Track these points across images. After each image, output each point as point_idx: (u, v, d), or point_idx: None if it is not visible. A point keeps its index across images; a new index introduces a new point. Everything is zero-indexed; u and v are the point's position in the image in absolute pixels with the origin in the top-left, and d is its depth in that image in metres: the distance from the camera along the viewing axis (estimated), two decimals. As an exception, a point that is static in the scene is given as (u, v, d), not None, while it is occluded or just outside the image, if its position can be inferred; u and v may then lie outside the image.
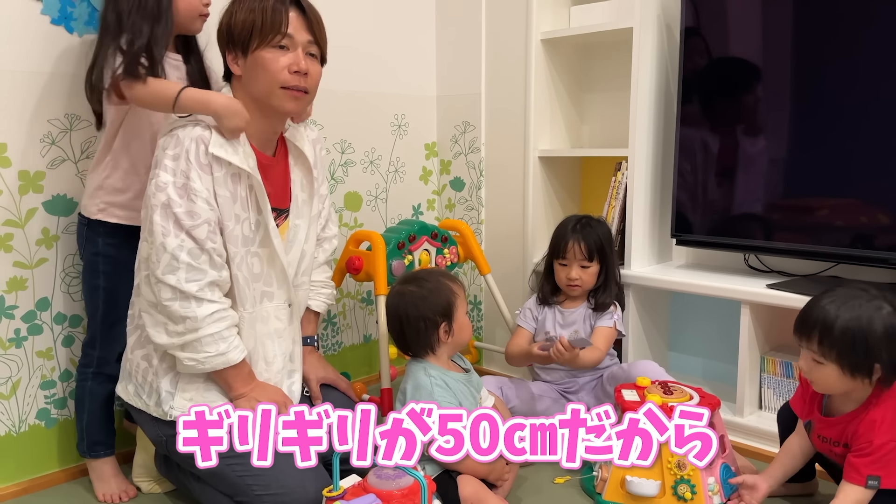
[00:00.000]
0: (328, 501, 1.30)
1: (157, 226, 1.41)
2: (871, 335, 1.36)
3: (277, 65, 1.48)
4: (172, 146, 1.44)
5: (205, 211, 1.43)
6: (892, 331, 1.37)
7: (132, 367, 1.57)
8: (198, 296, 1.43)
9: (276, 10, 1.48)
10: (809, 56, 1.90)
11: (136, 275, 1.55)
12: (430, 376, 1.63)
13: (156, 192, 1.42)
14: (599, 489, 1.67)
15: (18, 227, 1.70)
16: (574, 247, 1.98)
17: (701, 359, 2.35)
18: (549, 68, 2.38)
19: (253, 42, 1.48)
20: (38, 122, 1.70)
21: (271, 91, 1.50)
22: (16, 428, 1.74)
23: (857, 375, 1.40)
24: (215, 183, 1.45)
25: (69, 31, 1.72)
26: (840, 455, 1.49)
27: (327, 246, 1.84)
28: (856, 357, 1.38)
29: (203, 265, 1.44)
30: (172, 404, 1.50)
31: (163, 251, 1.41)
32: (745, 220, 2.04)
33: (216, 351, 1.45)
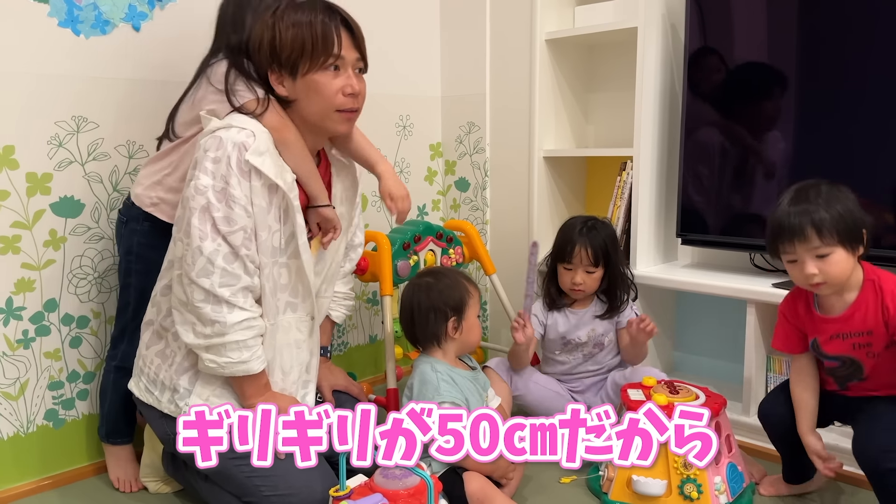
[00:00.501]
0: (335, 501, 1.30)
1: (194, 228, 1.40)
2: (848, 206, 1.44)
3: (331, 88, 1.46)
4: (214, 148, 1.42)
5: (242, 218, 1.42)
6: (854, 198, 1.47)
7: (144, 364, 1.57)
8: (230, 301, 1.42)
9: (325, 29, 1.43)
10: (815, 54, 1.90)
11: (162, 273, 1.55)
12: (437, 371, 1.63)
13: (195, 194, 1.41)
14: (606, 489, 1.67)
15: (26, 229, 1.71)
16: (581, 252, 1.97)
17: (707, 358, 2.34)
18: (553, 68, 2.39)
19: (303, 65, 1.44)
20: (46, 124, 1.71)
21: (326, 115, 1.48)
22: (24, 429, 1.75)
23: (856, 248, 1.45)
24: (252, 192, 1.43)
25: (76, 34, 1.73)
26: (866, 344, 1.49)
27: (353, 255, 1.83)
28: (851, 230, 1.43)
29: (237, 270, 1.43)
30: (188, 401, 1.51)
31: (199, 254, 1.40)
32: (750, 220, 2.03)
33: (238, 358, 1.45)
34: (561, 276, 2.03)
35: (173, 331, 1.52)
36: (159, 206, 1.65)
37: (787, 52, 1.96)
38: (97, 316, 1.85)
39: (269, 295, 1.50)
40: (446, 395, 1.60)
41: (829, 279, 1.45)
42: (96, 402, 1.86)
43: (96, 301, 1.85)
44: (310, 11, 1.45)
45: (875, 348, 1.48)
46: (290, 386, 1.59)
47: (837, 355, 1.53)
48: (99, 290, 1.85)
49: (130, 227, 1.70)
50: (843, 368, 1.54)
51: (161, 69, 1.88)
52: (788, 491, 1.70)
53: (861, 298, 1.48)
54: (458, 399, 1.61)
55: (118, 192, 1.85)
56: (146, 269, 1.66)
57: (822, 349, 1.55)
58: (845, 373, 1.54)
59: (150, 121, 1.88)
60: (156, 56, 1.87)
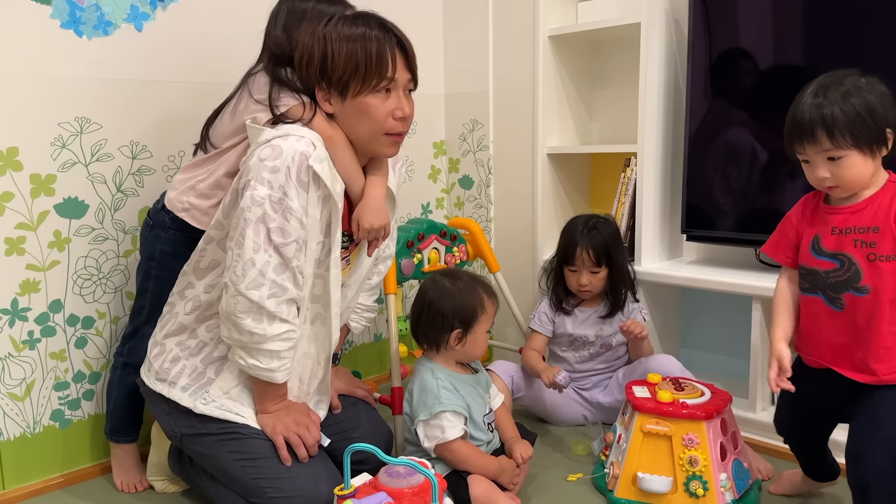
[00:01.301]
0: (339, 500, 1.30)
1: (248, 240, 1.39)
2: (871, 103, 1.30)
3: (382, 112, 1.44)
4: (272, 157, 1.39)
5: (296, 230, 1.41)
6: (884, 91, 1.33)
7: (160, 351, 1.57)
8: (275, 312, 1.41)
9: (380, 51, 1.41)
10: (819, 49, 1.88)
11: (192, 268, 1.55)
12: (437, 378, 1.63)
13: (251, 205, 1.38)
14: (611, 486, 1.66)
15: (31, 230, 1.72)
16: (582, 254, 1.98)
17: (713, 354, 2.33)
18: (556, 65, 2.38)
19: (354, 86, 1.42)
20: (49, 126, 1.72)
21: (373, 138, 1.47)
22: (30, 429, 1.76)
23: (875, 151, 1.32)
24: (308, 202, 1.42)
25: (78, 35, 1.74)
26: (869, 244, 1.35)
27: (382, 268, 1.82)
28: (869, 132, 1.30)
29: (286, 282, 1.42)
30: (209, 389, 1.51)
31: (251, 266, 1.39)
32: (756, 215, 2.02)
33: (267, 366, 1.45)
34: (567, 279, 2.05)
35: (208, 323, 1.52)
36: (190, 211, 1.65)
37: (791, 45, 1.94)
38: (102, 316, 1.85)
39: (303, 304, 1.50)
40: (447, 403, 1.59)
41: (841, 183, 1.33)
42: (102, 402, 1.86)
43: (101, 301, 1.85)
44: (364, 28, 1.42)
45: (878, 250, 1.33)
46: (305, 396, 1.59)
47: (836, 252, 1.39)
48: (104, 290, 1.85)
49: (155, 233, 1.70)
50: (840, 272, 1.39)
51: (164, 69, 1.88)
52: (806, 486, 1.67)
53: (877, 195, 1.35)
54: (458, 407, 1.60)
55: (122, 193, 1.85)
56: (166, 275, 1.66)
57: (821, 245, 1.42)
58: (842, 278, 1.39)
59: (154, 121, 1.88)
60: (158, 56, 1.87)
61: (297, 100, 1.49)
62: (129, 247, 1.88)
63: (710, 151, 2.08)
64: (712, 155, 2.08)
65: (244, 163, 1.45)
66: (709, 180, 2.09)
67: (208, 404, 1.50)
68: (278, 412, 1.51)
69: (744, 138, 2.02)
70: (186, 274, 1.57)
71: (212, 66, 1.94)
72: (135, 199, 1.88)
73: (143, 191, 1.88)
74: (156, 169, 1.90)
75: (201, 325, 1.54)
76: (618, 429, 1.74)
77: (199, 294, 1.54)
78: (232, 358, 1.49)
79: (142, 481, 1.78)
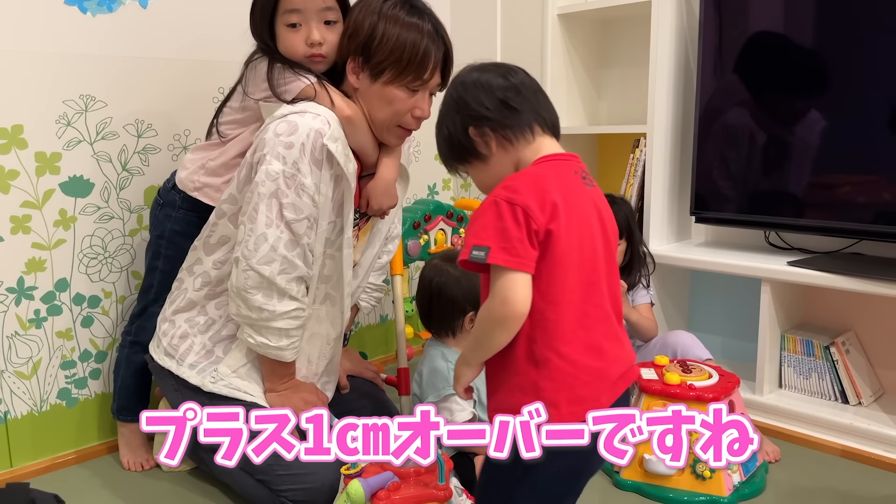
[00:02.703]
0: (346, 479, 1.30)
1: (261, 214, 1.39)
2: (445, 127, 1.17)
3: (404, 107, 1.46)
4: (287, 133, 1.39)
5: (308, 207, 1.41)
6: (474, 84, 1.14)
7: (169, 327, 1.57)
8: (285, 289, 1.42)
9: (426, 56, 1.43)
10: (832, 28, 1.85)
11: (202, 243, 1.55)
12: (448, 361, 1.62)
13: (265, 180, 1.39)
14: (617, 468, 1.66)
15: (36, 209, 1.71)
16: None
17: (720, 337, 2.32)
18: (565, 44, 2.35)
19: (388, 74, 1.43)
20: (54, 104, 1.70)
21: (387, 126, 1.49)
22: (37, 407, 1.77)
23: (479, 155, 1.14)
24: (321, 180, 1.42)
25: (83, 12, 1.72)
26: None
27: (391, 247, 1.82)
28: (456, 150, 1.17)
29: (296, 259, 1.43)
30: (218, 367, 1.51)
31: (263, 241, 1.39)
32: (765, 197, 2.00)
33: (276, 344, 1.45)
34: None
35: (217, 300, 1.52)
36: (203, 189, 1.65)
37: (804, 24, 1.91)
38: (108, 296, 1.85)
39: (312, 284, 1.50)
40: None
41: (483, 189, 1.17)
42: (109, 381, 1.87)
43: (107, 281, 1.85)
44: (418, 30, 1.42)
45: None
46: (313, 377, 1.59)
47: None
48: (110, 269, 1.85)
49: (165, 212, 1.69)
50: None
51: (169, 47, 1.86)
52: None
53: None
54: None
55: (127, 172, 1.84)
56: (176, 254, 1.66)
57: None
58: None
59: (159, 99, 1.87)
60: (164, 33, 1.85)
61: (304, 80, 1.47)
62: (135, 226, 1.87)
63: (719, 133, 2.05)
64: (722, 136, 2.05)
65: (258, 136, 1.44)
66: (718, 162, 2.07)
67: (216, 383, 1.51)
68: (287, 391, 1.51)
69: (754, 120, 2.00)
70: (196, 249, 1.57)
71: (218, 44, 1.92)
72: (140, 178, 1.87)
73: (149, 169, 1.87)
74: (161, 147, 1.89)
75: (210, 301, 1.54)
76: (624, 410, 1.74)
77: (208, 270, 1.54)
78: (241, 336, 1.49)
79: (148, 460, 1.79)
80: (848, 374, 1.90)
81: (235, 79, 1.62)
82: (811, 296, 2.06)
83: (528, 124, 1.12)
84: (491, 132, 1.12)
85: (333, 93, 1.48)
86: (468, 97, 1.13)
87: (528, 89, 1.14)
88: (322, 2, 1.49)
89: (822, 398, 1.95)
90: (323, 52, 1.51)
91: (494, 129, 1.12)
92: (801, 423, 1.89)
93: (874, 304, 1.96)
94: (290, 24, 1.50)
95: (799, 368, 1.97)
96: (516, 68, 1.17)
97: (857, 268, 1.78)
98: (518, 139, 1.12)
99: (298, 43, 1.50)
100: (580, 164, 1.15)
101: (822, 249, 2.02)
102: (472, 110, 1.12)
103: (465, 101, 1.13)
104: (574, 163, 1.14)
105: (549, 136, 1.15)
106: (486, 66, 1.16)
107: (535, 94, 1.15)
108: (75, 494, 1.65)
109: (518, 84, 1.13)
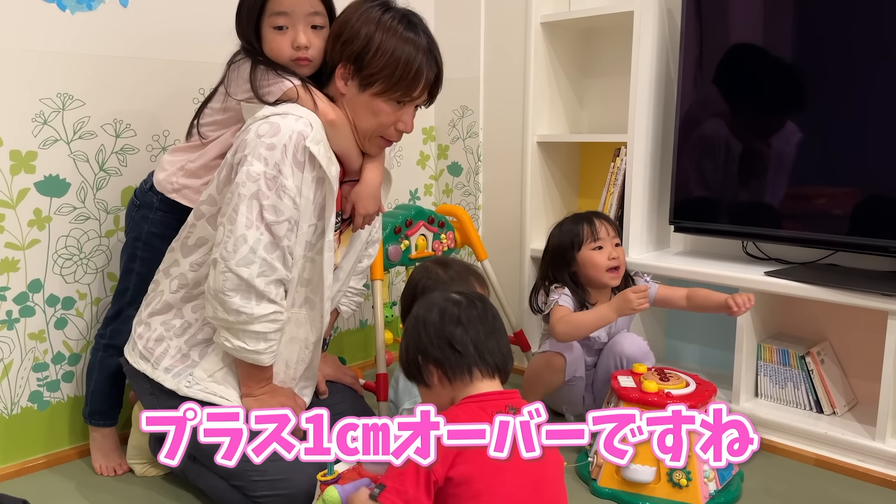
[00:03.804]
0: (322, 485, 1.29)
1: (241, 216, 1.38)
2: (406, 346, 1.27)
3: (388, 119, 1.47)
4: (269, 134, 1.38)
5: (289, 209, 1.40)
6: (423, 322, 1.25)
7: (145, 330, 1.55)
8: (263, 291, 1.40)
9: (418, 75, 1.44)
10: (811, 43, 1.88)
11: (180, 245, 1.53)
12: None
13: (246, 181, 1.38)
14: (595, 475, 1.66)
15: (10, 208, 1.68)
16: (603, 225, 1.93)
17: (698, 346, 2.34)
18: (548, 52, 2.36)
19: (377, 86, 1.44)
20: (30, 102, 1.68)
21: (369, 136, 1.50)
22: (7, 411, 1.73)
23: (431, 382, 1.25)
24: (303, 182, 1.41)
25: (61, 8, 1.70)
26: None
27: (372, 251, 1.81)
28: (413, 368, 1.28)
29: (275, 262, 1.41)
30: (193, 372, 1.49)
31: (242, 242, 1.38)
32: (743, 208, 2.02)
33: (253, 347, 1.43)
34: (591, 261, 1.92)
35: (194, 303, 1.50)
36: (182, 191, 1.63)
37: (783, 37, 1.94)
38: (83, 297, 1.82)
39: (291, 287, 1.49)
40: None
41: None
42: (82, 384, 1.84)
43: (82, 282, 1.82)
44: (414, 47, 1.44)
45: None
46: (291, 381, 1.57)
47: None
48: (85, 271, 1.82)
49: (142, 214, 1.67)
50: None
51: (150, 46, 1.85)
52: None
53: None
54: None
55: (104, 172, 1.82)
56: (152, 257, 1.64)
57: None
58: None
59: (138, 99, 1.85)
60: (144, 32, 1.83)
61: (287, 82, 1.47)
62: (112, 227, 1.85)
63: (699, 143, 2.07)
64: (702, 146, 2.07)
65: (240, 136, 1.43)
66: (698, 172, 2.08)
67: (192, 387, 1.49)
68: (263, 395, 1.50)
69: (734, 131, 2.02)
70: (173, 251, 1.55)
71: (199, 44, 1.90)
72: (118, 179, 1.84)
73: (127, 170, 1.85)
74: (139, 148, 1.87)
75: (187, 304, 1.52)
76: (602, 418, 1.74)
77: (185, 272, 1.52)
78: (217, 340, 1.47)
79: (121, 465, 1.76)
80: (823, 384, 1.92)
81: (217, 79, 1.61)
82: (788, 306, 2.08)
83: (468, 368, 1.20)
84: (434, 367, 1.22)
85: (317, 96, 1.47)
86: (423, 329, 1.23)
87: (482, 328, 1.22)
88: (310, 6, 1.49)
89: (797, 407, 1.97)
90: (309, 55, 1.50)
91: (437, 366, 1.21)
92: (777, 431, 1.90)
93: (848, 314, 1.98)
94: (277, 26, 1.49)
95: (775, 378, 1.99)
96: (477, 301, 1.25)
97: (833, 279, 1.81)
98: (456, 379, 1.21)
99: (284, 45, 1.49)
100: (510, 401, 1.19)
101: (798, 260, 2.05)
102: (422, 343, 1.22)
103: (419, 332, 1.23)
104: (499, 402, 1.17)
105: (488, 379, 1.21)
106: (448, 298, 1.24)
107: (489, 335, 1.22)
108: (45, 499, 1.62)
109: (469, 321, 1.21)
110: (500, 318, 1.28)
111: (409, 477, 1.09)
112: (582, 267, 1.95)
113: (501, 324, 1.27)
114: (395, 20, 1.44)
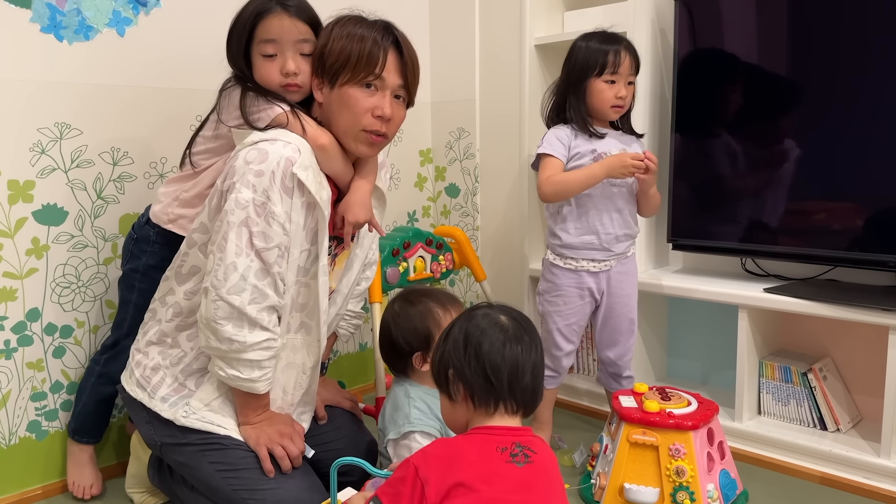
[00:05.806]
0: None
1: (230, 243, 1.37)
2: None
3: (361, 106, 1.44)
4: (258, 161, 1.38)
5: (279, 235, 1.39)
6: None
7: (142, 359, 1.54)
8: (255, 319, 1.39)
9: (373, 48, 1.43)
10: (805, 60, 1.89)
11: (174, 273, 1.52)
12: (410, 398, 1.54)
13: (235, 208, 1.37)
14: (598, 497, 1.65)
15: (8, 237, 1.68)
16: (626, 59, 1.84)
17: (699, 364, 2.33)
18: (543, 73, 2.37)
19: (343, 76, 1.44)
20: (28, 131, 1.69)
21: (351, 132, 1.47)
22: (6, 441, 1.72)
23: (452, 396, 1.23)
24: (292, 208, 1.41)
25: (59, 39, 1.71)
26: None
27: (369, 273, 1.79)
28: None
29: (266, 288, 1.40)
30: (190, 401, 1.48)
31: (233, 270, 1.37)
32: (742, 225, 2.02)
33: (248, 376, 1.42)
34: (599, 93, 1.85)
35: (188, 332, 1.49)
36: (177, 221, 1.63)
37: (776, 56, 1.95)
38: (81, 325, 1.82)
39: (286, 313, 1.48)
40: (417, 423, 1.50)
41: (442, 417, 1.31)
42: (80, 413, 1.82)
43: (80, 310, 1.82)
44: (367, 28, 1.45)
45: None
46: (288, 407, 1.56)
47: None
48: (83, 299, 1.82)
49: (140, 247, 1.68)
50: None
51: (146, 75, 1.86)
52: None
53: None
54: (429, 427, 1.51)
55: (102, 200, 1.82)
56: (150, 288, 1.63)
57: None
58: None
59: (135, 127, 1.86)
60: (141, 62, 1.85)
61: (277, 108, 1.47)
62: (109, 254, 1.85)
63: (696, 160, 2.08)
64: (698, 164, 2.08)
65: (229, 163, 1.43)
66: (695, 190, 2.09)
67: (189, 416, 1.48)
68: (261, 423, 1.48)
69: (730, 148, 2.02)
70: (168, 279, 1.55)
71: (195, 72, 1.92)
72: (115, 206, 1.85)
73: (124, 198, 1.86)
74: (137, 175, 1.88)
75: (181, 333, 1.52)
76: (604, 439, 1.73)
77: (179, 301, 1.51)
78: (211, 369, 1.46)
79: (94, 485, 1.75)
80: (826, 401, 1.91)
81: (212, 106, 1.62)
82: (788, 322, 2.08)
83: (495, 401, 1.18)
84: (463, 387, 1.19)
85: (306, 121, 1.48)
86: (463, 348, 1.19)
87: (521, 362, 1.18)
88: (298, 33, 1.50)
89: (800, 425, 1.95)
90: (298, 81, 1.51)
91: (467, 388, 1.18)
92: (781, 449, 1.89)
93: (849, 330, 1.98)
94: (267, 54, 1.50)
95: (777, 395, 1.98)
96: (525, 334, 1.21)
97: (833, 294, 1.80)
98: (480, 406, 1.18)
99: (274, 72, 1.50)
100: (518, 438, 1.17)
101: (797, 276, 2.04)
102: (459, 361, 1.19)
103: (459, 349, 1.19)
104: (507, 437, 1.16)
105: (510, 415, 1.19)
106: (496, 322, 1.21)
107: (527, 371, 1.19)
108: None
109: (511, 354, 1.18)
110: (542, 348, 1.24)
111: (405, 488, 1.10)
112: (588, 93, 1.89)
113: (542, 357, 1.24)
114: (345, 22, 1.46)
